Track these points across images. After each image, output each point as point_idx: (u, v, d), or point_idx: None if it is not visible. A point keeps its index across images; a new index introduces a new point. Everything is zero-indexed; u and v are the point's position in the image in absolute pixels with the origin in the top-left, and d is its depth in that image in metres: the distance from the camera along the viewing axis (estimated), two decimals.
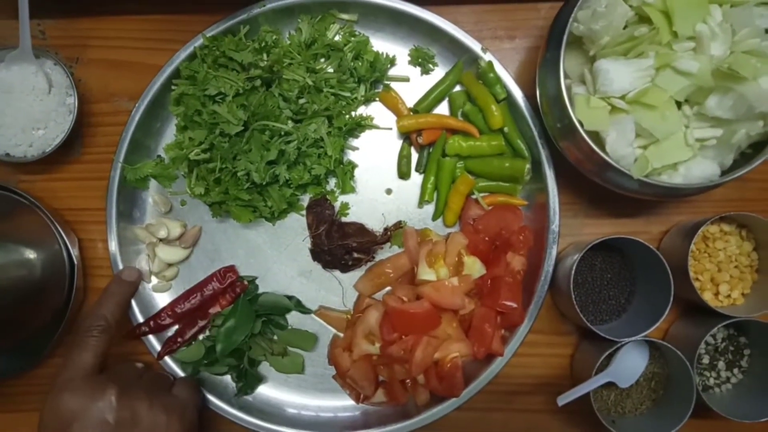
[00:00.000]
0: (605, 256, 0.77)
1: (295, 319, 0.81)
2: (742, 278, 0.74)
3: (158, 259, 0.79)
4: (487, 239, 0.76)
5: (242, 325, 0.76)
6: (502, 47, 0.81)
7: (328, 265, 0.78)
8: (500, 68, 0.77)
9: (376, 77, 0.79)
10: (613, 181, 0.68)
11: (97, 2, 0.83)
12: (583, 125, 0.65)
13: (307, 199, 0.80)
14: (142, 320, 0.78)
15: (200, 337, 0.79)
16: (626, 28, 0.66)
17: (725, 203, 0.79)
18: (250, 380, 0.78)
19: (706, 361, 0.76)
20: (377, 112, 0.81)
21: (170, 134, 0.81)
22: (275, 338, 0.80)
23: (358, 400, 0.78)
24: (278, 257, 0.81)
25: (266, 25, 0.79)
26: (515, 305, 0.73)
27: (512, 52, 0.81)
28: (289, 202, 0.77)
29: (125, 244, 0.79)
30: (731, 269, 0.74)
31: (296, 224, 0.80)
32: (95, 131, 0.84)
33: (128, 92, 0.82)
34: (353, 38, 0.79)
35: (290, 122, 0.74)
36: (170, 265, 0.80)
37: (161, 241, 0.79)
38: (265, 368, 0.80)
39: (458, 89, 0.80)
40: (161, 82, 0.79)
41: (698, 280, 0.74)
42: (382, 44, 0.81)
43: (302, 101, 0.75)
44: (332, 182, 0.81)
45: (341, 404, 0.80)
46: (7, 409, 0.83)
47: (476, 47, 0.77)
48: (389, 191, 0.81)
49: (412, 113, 0.79)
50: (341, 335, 0.79)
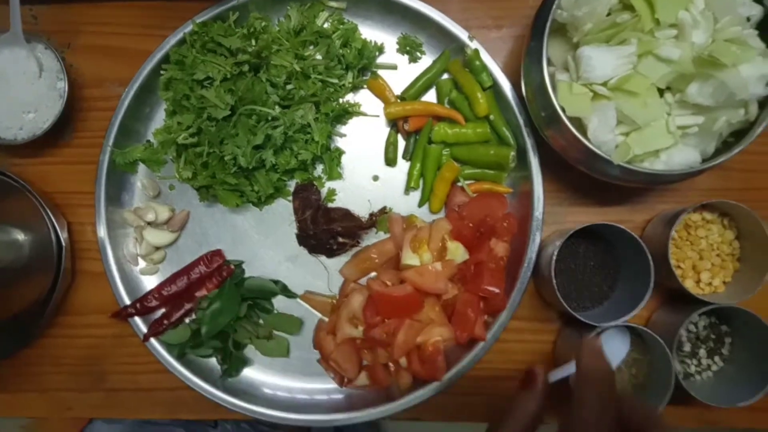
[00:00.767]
0: (589, 243, 0.78)
1: (281, 303, 0.82)
2: (723, 266, 0.75)
3: (146, 242, 0.79)
4: (471, 225, 0.76)
5: (228, 308, 0.77)
6: (489, 36, 0.82)
7: (314, 249, 0.79)
8: (486, 56, 0.78)
9: (363, 64, 0.79)
10: (596, 168, 0.69)
11: None
12: (565, 111, 0.65)
13: (294, 185, 0.81)
14: (129, 302, 0.79)
15: (186, 320, 0.80)
16: (609, 14, 0.67)
17: (709, 192, 0.80)
18: (235, 363, 0.78)
19: (687, 348, 0.77)
20: (365, 99, 0.82)
21: (159, 119, 0.82)
22: (261, 322, 0.80)
23: (341, 383, 0.79)
24: (265, 242, 0.81)
25: (255, 11, 0.79)
26: (497, 290, 0.74)
27: (499, 41, 0.82)
28: (275, 187, 0.78)
29: (113, 227, 0.80)
30: (713, 257, 0.75)
31: (283, 210, 0.81)
32: (86, 116, 0.84)
33: (119, 77, 0.83)
34: (342, 26, 0.79)
35: (277, 107, 0.75)
36: (158, 248, 0.81)
37: (149, 224, 0.80)
38: (251, 352, 0.81)
39: (445, 77, 0.81)
40: (151, 67, 0.79)
41: (680, 267, 0.75)
42: (370, 32, 0.82)
43: (290, 87, 0.75)
44: (319, 168, 0.81)
45: (325, 387, 0.81)
46: None
47: (463, 36, 0.78)
48: (376, 178, 0.82)
49: (399, 100, 0.80)
50: (326, 320, 0.80)
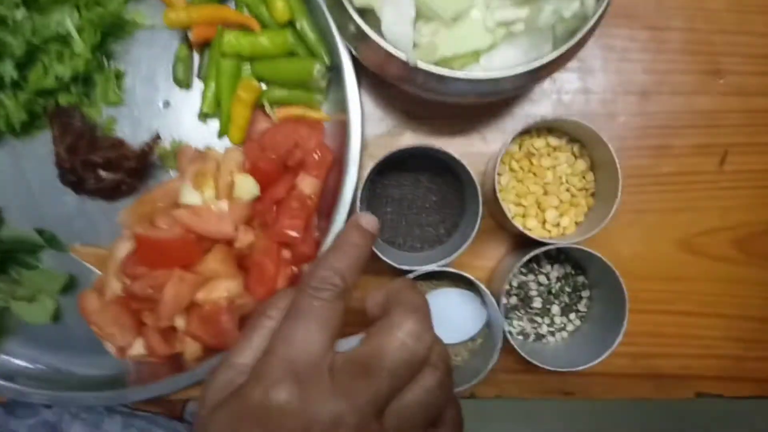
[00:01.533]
0: (433, 175, 0.64)
1: (55, 259, 0.67)
2: (574, 203, 0.62)
3: None
4: (274, 158, 0.62)
5: None
6: None
7: (79, 189, 0.63)
8: None
9: None
10: (415, 82, 0.55)
11: None
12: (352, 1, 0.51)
13: None
14: None
15: None
16: None
17: None
18: None
19: (538, 305, 0.64)
20: (152, 8, 0.66)
21: None
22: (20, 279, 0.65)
23: (118, 353, 0.64)
24: (31, 183, 0.66)
25: None
26: (296, 234, 0.60)
27: None
28: (30, 111, 0.62)
29: None
30: (562, 193, 0.62)
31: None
32: None
33: None
34: None
35: (20, 8, 0.59)
36: None
37: None
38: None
39: None
40: None
41: (521, 205, 0.62)
42: None
43: None
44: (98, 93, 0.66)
45: (109, 361, 0.66)
46: None
47: None
48: (167, 104, 0.67)
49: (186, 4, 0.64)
50: None
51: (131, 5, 0.66)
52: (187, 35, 0.65)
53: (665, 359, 0.66)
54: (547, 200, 0.61)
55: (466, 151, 0.66)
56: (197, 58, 0.66)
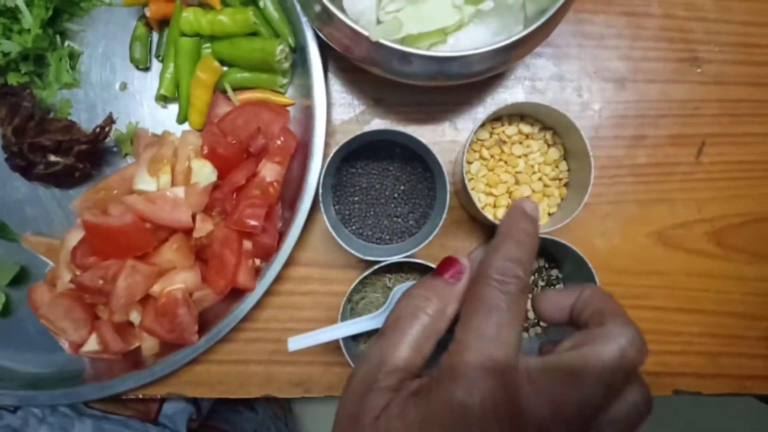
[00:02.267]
0: (403, 164, 0.61)
1: (5, 249, 0.63)
2: (547, 194, 0.59)
3: None
4: (234, 143, 0.59)
5: None
6: None
7: (29, 174, 0.60)
8: None
9: None
10: (381, 64, 0.52)
11: None
12: None
13: None
14: None
15: None
16: None
17: None
18: None
19: None
20: None
21: None
22: None
23: (71, 349, 0.61)
24: None
25: None
26: (257, 223, 0.57)
27: None
28: None
29: None
30: (534, 182, 0.59)
31: None
32: None
33: None
34: None
35: None
36: None
37: None
38: None
39: None
40: None
41: (492, 194, 0.59)
42: None
43: None
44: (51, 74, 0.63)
45: (63, 358, 0.63)
46: None
47: None
48: (124, 86, 0.64)
49: None
50: None
51: None
52: (144, 13, 0.62)
53: None
54: (518, 190, 0.59)
55: (436, 139, 0.64)
56: (156, 38, 0.63)
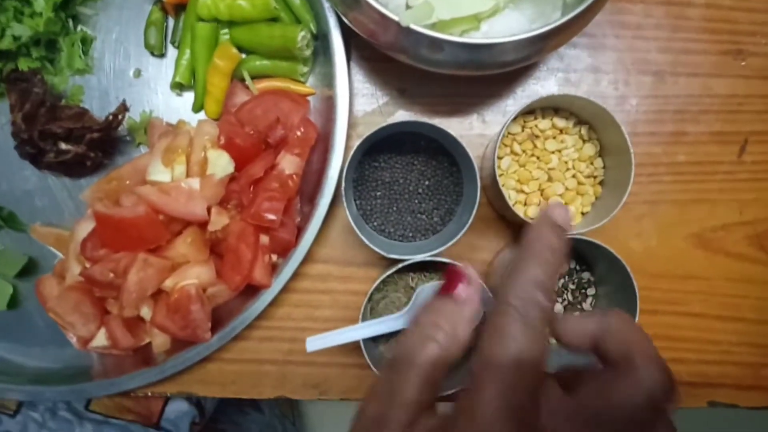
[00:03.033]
0: (428, 158, 0.58)
1: (14, 239, 0.61)
2: (580, 192, 0.56)
3: None
4: (252, 133, 0.56)
5: None
6: None
7: (39, 162, 0.58)
8: None
9: None
10: (409, 51, 0.49)
11: None
12: None
13: None
14: None
15: None
16: None
17: None
18: None
19: None
20: None
21: None
22: None
23: (80, 344, 0.58)
24: None
25: None
26: (275, 217, 0.54)
27: None
28: None
29: None
30: (567, 179, 0.56)
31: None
32: None
33: None
34: None
35: None
36: None
37: None
38: None
39: None
40: None
41: (523, 192, 0.56)
42: None
43: None
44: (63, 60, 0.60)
45: (71, 353, 0.61)
46: None
47: None
48: (138, 73, 0.61)
49: None
50: None
51: None
52: None
53: (676, 364, 0.60)
54: (551, 187, 0.56)
55: (463, 133, 0.61)
56: (172, 23, 0.61)
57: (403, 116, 0.61)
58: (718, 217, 0.60)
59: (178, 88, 0.60)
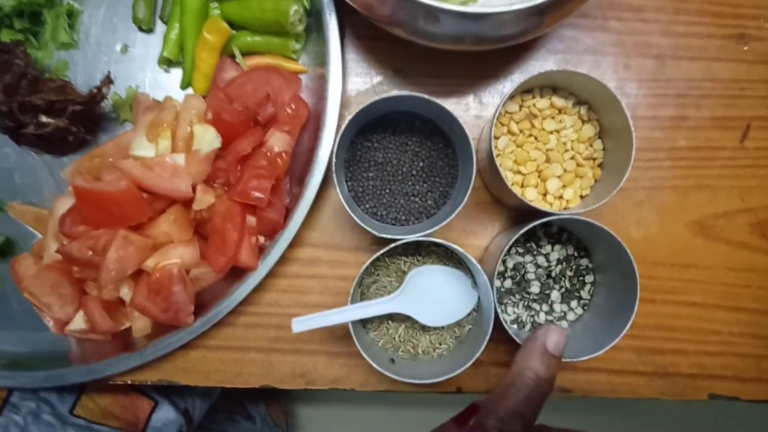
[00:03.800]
0: (422, 139, 0.57)
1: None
2: (579, 174, 0.54)
3: None
4: (240, 109, 0.54)
5: None
6: None
7: (18, 136, 0.56)
8: None
9: None
10: (405, 23, 0.48)
11: None
12: None
13: None
14: None
15: None
16: None
17: None
18: None
19: (535, 290, 0.57)
20: None
21: None
22: None
23: (56, 327, 0.56)
24: None
25: None
26: (262, 196, 0.52)
27: None
28: None
29: None
30: (566, 161, 0.54)
31: None
32: None
33: None
34: None
35: None
36: None
37: None
38: None
39: None
40: None
41: (520, 173, 0.54)
42: None
43: None
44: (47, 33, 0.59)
45: (48, 338, 0.58)
46: None
47: None
48: (125, 49, 0.59)
49: None
50: None
51: None
52: None
53: (676, 356, 0.58)
54: (549, 169, 0.54)
55: (460, 113, 0.59)
56: None
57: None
58: (719, 204, 0.59)
59: (166, 63, 0.59)
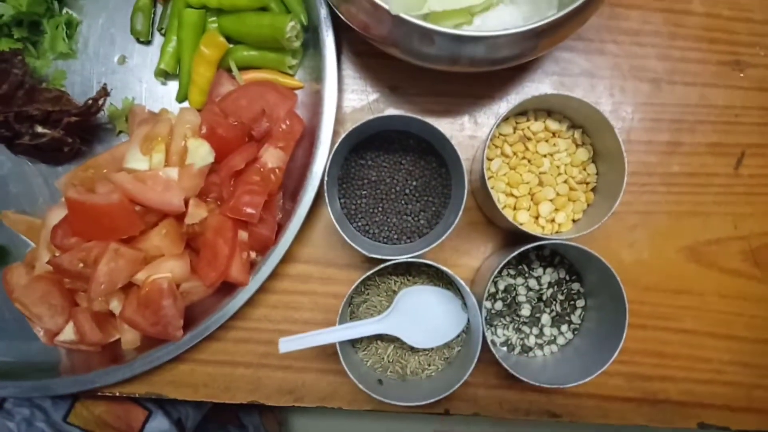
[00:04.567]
0: (416, 158, 0.57)
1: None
2: (572, 198, 0.54)
3: None
4: (235, 124, 0.55)
5: None
6: None
7: (14, 146, 0.56)
8: None
9: None
10: (400, 44, 0.48)
11: None
12: None
13: None
14: None
15: None
16: None
17: None
18: None
19: (526, 312, 0.57)
20: None
21: None
22: None
23: (47, 337, 0.56)
24: None
25: None
26: (254, 212, 0.52)
27: None
28: None
29: None
30: (559, 185, 0.54)
31: None
32: None
33: None
34: None
35: None
36: None
37: None
38: None
39: None
40: None
41: (512, 195, 0.54)
42: None
43: None
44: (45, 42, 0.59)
45: (38, 348, 0.58)
46: None
47: None
48: (123, 60, 0.60)
49: None
50: None
51: None
52: None
53: (666, 382, 0.58)
54: (542, 192, 0.54)
55: (454, 133, 0.59)
56: (161, 10, 0.59)
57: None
58: (712, 230, 0.58)
59: (162, 76, 0.59)
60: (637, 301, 0.58)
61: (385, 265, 0.51)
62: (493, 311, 0.57)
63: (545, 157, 0.54)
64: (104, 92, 0.55)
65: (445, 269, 0.50)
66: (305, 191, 0.55)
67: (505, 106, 0.59)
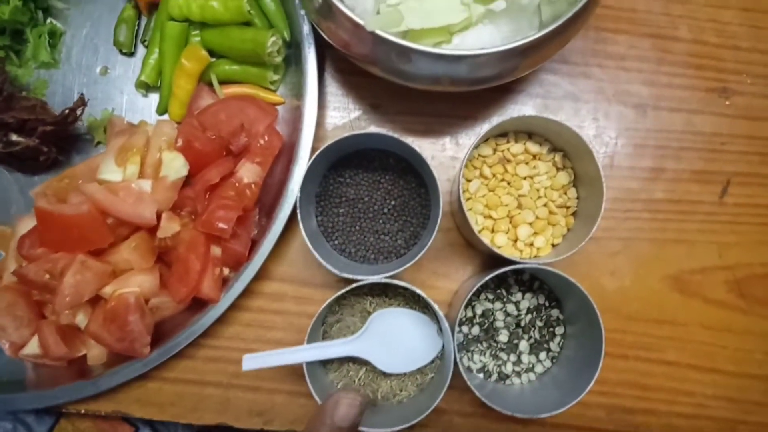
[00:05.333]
0: (396, 177, 0.56)
1: None
2: (552, 222, 0.53)
3: None
4: (213, 138, 0.54)
5: None
6: None
7: None
8: None
9: None
10: (380, 61, 0.48)
11: None
12: None
13: None
14: None
15: None
16: None
17: None
18: None
19: (503, 338, 0.55)
20: None
21: None
22: None
23: (12, 350, 0.55)
24: None
25: None
26: (226, 227, 0.51)
27: None
28: None
29: None
30: (538, 208, 0.53)
31: None
32: None
33: None
34: None
35: None
36: None
37: None
38: None
39: None
40: None
41: (491, 217, 0.53)
42: None
43: None
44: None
45: (6, 360, 0.57)
46: None
47: None
48: (105, 70, 0.59)
49: None
50: None
51: None
52: None
53: (647, 416, 0.56)
54: (521, 215, 0.53)
55: (435, 153, 0.58)
56: (145, 22, 0.59)
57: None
58: (696, 259, 0.57)
59: (143, 87, 0.58)
60: (619, 330, 0.56)
61: (358, 284, 0.50)
62: (470, 336, 0.55)
63: (525, 179, 0.53)
64: (81, 102, 0.54)
65: (419, 292, 0.49)
66: (281, 208, 0.54)
67: (487, 126, 0.58)
